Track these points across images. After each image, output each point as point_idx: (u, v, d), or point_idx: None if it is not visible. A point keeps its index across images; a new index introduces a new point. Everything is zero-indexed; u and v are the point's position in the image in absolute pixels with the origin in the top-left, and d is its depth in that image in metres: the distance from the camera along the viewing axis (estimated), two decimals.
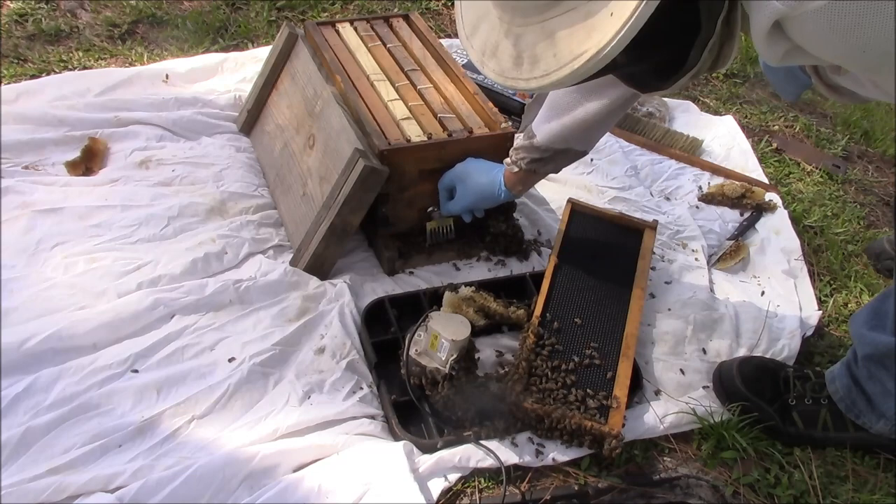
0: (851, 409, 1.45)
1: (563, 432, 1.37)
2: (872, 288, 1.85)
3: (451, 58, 1.86)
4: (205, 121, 1.97)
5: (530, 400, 1.38)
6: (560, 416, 1.36)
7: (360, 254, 1.73)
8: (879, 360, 1.37)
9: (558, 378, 1.44)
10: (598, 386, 1.44)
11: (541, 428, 1.38)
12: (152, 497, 1.21)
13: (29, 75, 2.07)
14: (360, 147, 1.54)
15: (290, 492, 1.25)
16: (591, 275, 1.63)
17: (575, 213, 1.76)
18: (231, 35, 2.35)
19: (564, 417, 1.36)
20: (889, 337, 1.34)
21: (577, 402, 1.40)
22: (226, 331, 1.50)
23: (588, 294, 1.60)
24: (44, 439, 1.28)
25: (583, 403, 1.40)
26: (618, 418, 1.38)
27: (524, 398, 1.37)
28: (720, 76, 2.60)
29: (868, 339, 1.38)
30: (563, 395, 1.41)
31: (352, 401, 1.40)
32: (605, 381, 1.44)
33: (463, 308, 1.50)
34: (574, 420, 1.36)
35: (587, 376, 1.45)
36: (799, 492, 1.40)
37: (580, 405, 1.40)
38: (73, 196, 1.72)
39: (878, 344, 1.36)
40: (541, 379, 1.43)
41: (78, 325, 1.43)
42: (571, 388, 1.42)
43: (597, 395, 1.41)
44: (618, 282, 1.62)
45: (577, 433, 1.36)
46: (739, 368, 1.51)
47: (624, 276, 1.63)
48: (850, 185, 2.23)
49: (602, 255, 1.68)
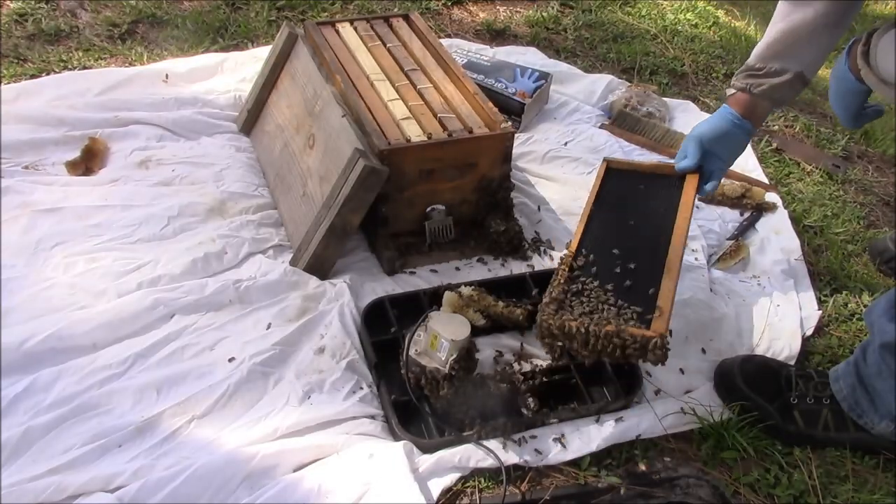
0: (854, 409, 1.45)
1: (598, 344, 1.27)
2: (872, 288, 1.85)
3: (450, 58, 1.86)
4: (205, 121, 1.97)
5: (563, 316, 1.29)
6: (595, 326, 1.26)
7: (360, 254, 1.72)
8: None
9: (593, 299, 1.34)
10: (640, 303, 1.32)
11: (575, 345, 1.30)
12: (152, 497, 1.21)
13: (29, 75, 2.07)
14: (360, 147, 1.54)
15: (289, 492, 1.25)
16: (628, 217, 1.51)
17: (610, 171, 1.62)
18: (231, 35, 2.35)
19: (599, 326, 1.26)
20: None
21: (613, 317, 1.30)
22: (226, 331, 1.50)
23: (626, 232, 1.48)
24: (44, 439, 1.28)
25: (619, 317, 1.30)
26: (660, 324, 1.27)
27: (557, 319, 1.28)
28: (720, 76, 2.60)
29: (887, 328, 1.37)
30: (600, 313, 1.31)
31: (352, 401, 1.40)
32: (647, 297, 1.33)
33: (463, 308, 1.50)
34: (609, 328, 1.26)
35: (627, 296, 1.34)
36: (799, 492, 1.40)
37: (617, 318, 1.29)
38: (73, 196, 1.72)
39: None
40: (575, 302, 1.34)
41: (78, 325, 1.43)
42: (608, 305, 1.32)
43: (635, 308, 1.31)
44: (658, 219, 1.48)
45: (614, 342, 1.27)
46: (741, 367, 1.51)
47: (664, 215, 1.48)
48: (850, 185, 2.23)
49: (640, 200, 1.55)
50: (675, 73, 2.59)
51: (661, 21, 2.86)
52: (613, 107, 2.29)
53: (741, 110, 1.46)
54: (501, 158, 1.69)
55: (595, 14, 2.80)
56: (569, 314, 1.31)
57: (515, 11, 2.77)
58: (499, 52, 2.43)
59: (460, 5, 2.72)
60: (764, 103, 1.46)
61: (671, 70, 2.59)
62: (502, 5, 2.79)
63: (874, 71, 1.23)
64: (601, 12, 2.83)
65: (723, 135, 1.48)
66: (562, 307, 1.33)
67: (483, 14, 2.71)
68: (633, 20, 2.84)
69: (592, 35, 2.69)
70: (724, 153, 1.51)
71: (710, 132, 1.49)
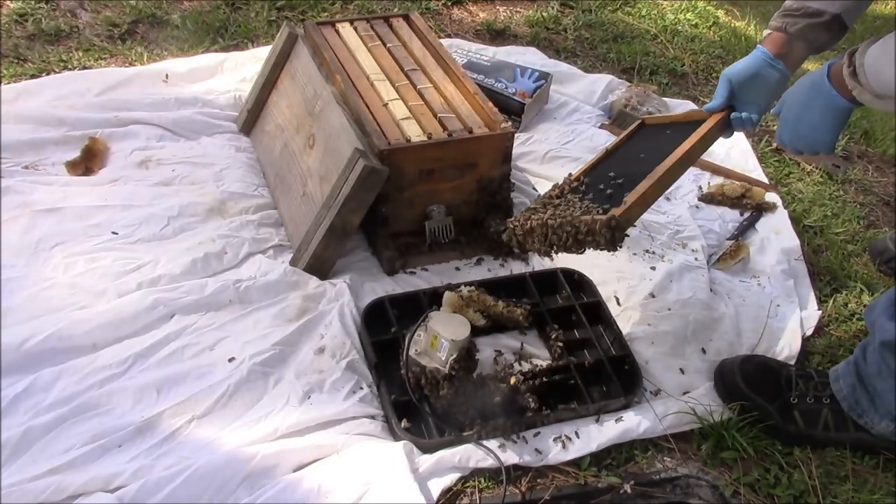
0: (854, 409, 1.45)
1: (553, 235, 1.29)
2: (872, 288, 1.85)
3: (450, 58, 1.86)
4: (205, 121, 1.97)
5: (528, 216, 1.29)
6: (552, 220, 1.28)
7: (360, 254, 1.72)
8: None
9: (568, 206, 1.34)
10: (612, 206, 1.32)
11: (536, 242, 1.31)
12: (152, 497, 1.21)
13: (29, 75, 2.07)
14: (360, 147, 1.54)
15: (289, 492, 1.25)
16: (640, 152, 1.49)
17: (643, 126, 1.60)
18: (231, 35, 2.35)
19: (556, 219, 1.27)
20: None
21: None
22: (226, 331, 1.50)
23: (632, 162, 1.46)
24: (44, 439, 1.28)
25: (582, 213, 1.31)
26: (618, 210, 1.27)
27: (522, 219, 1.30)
28: (719, 76, 2.60)
29: (887, 327, 1.37)
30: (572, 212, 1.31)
31: (352, 401, 1.40)
32: (622, 202, 1.31)
33: (463, 308, 1.50)
34: (565, 220, 1.27)
35: (602, 201, 1.34)
36: (799, 492, 1.40)
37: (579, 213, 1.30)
38: (73, 196, 1.72)
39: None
40: (549, 209, 1.34)
41: (78, 325, 1.43)
42: (577, 207, 1.32)
43: (603, 207, 1.31)
44: (669, 149, 1.43)
45: (567, 230, 1.28)
46: (741, 366, 1.51)
47: (676, 144, 1.43)
48: (850, 185, 2.23)
49: (661, 140, 1.51)
50: (675, 73, 2.59)
51: (661, 21, 2.86)
52: (613, 107, 2.29)
53: (776, 50, 1.42)
54: (501, 158, 1.69)
55: (595, 14, 2.80)
56: (534, 215, 1.31)
57: (515, 11, 2.77)
58: (499, 52, 2.43)
59: (460, 5, 2.72)
60: (800, 45, 1.42)
61: (671, 70, 2.59)
62: (502, 5, 2.79)
63: (868, 88, 1.24)
64: (601, 12, 2.83)
65: (754, 75, 1.44)
66: (534, 214, 1.34)
67: (483, 14, 2.71)
68: (633, 20, 2.83)
69: (592, 35, 2.69)
70: (756, 95, 1.46)
71: (740, 72, 1.46)
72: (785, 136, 1.42)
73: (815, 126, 1.36)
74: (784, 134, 1.42)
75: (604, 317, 1.61)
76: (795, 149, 1.42)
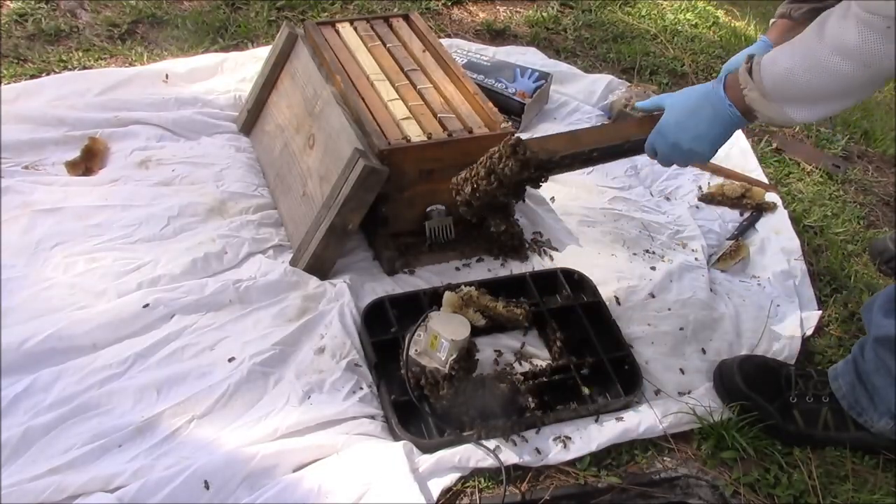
0: (854, 407, 1.45)
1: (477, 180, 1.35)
2: (872, 288, 1.85)
3: (450, 58, 1.86)
4: (205, 121, 1.97)
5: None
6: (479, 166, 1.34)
7: (360, 254, 1.72)
8: (892, 345, 1.37)
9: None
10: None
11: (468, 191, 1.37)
12: (152, 497, 1.21)
13: (29, 75, 2.07)
14: (360, 147, 1.54)
15: (289, 492, 1.25)
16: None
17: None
18: (231, 35, 2.35)
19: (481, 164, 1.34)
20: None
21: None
22: (226, 331, 1.50)
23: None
24: (44, 439, 1.28)
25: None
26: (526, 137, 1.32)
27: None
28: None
29: (882, 323, 1.37)
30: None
31: (352, 401, 1.40)
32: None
33: (463, 308, 1.50)
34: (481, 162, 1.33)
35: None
36: (799, 492, 1.40)
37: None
38: (73, 196, 1.72)
39: (892, 328, 1.35)
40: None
41: (78, 325, 1.43)
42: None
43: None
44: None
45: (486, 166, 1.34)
46: (741, 366, 1.51)
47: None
48: (850, 185, 2.23)
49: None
50: (675, 73, 2.59)
51: (661, 21, 2.86)
52: (613, 107, 2.29)
53: (779, 38, 1.39)
54: None
55: (595, 14, 2.80)
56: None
57: (515, 11, 2.77)
58: (499, 52, 2.42)
59: (460, 5, 2.72)
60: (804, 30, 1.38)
61: (671, 70, 2.59)
62: (502, 5, 2.79)
63: (759, 86, 1.17)
64: (601, 12, 2.83)
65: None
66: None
67: (483, 14, 2.71)
68: (633, 20, 2.83)
69: (592, 35, 2.69)
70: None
71: (738, 60, 1.43)
72: (658, 142, 1.31)
73: (697, 135, 1.26)
74: (657, 140, 1.30)
75: (604, 317, 1.61)
76: (667, 159, 1.31)
